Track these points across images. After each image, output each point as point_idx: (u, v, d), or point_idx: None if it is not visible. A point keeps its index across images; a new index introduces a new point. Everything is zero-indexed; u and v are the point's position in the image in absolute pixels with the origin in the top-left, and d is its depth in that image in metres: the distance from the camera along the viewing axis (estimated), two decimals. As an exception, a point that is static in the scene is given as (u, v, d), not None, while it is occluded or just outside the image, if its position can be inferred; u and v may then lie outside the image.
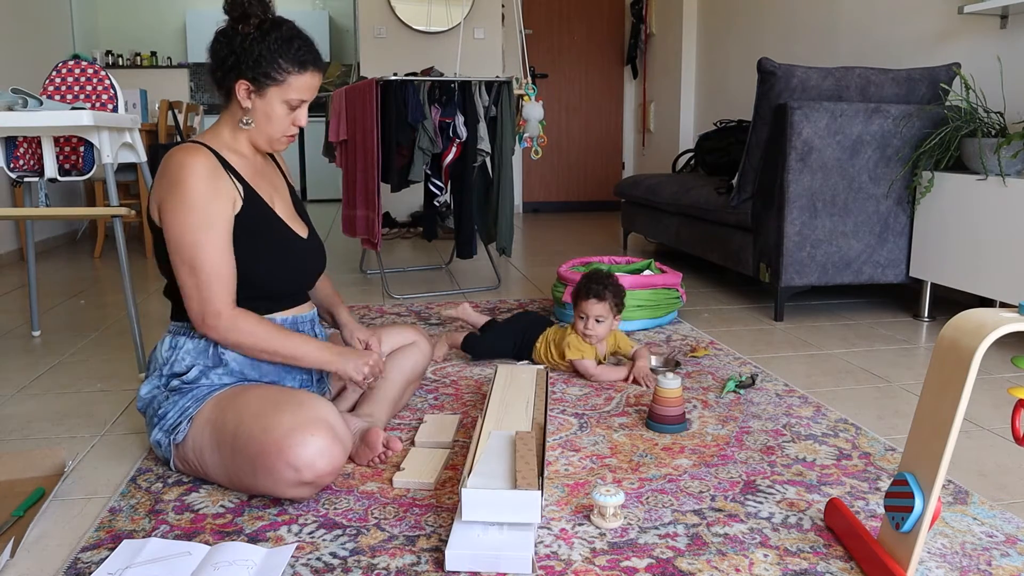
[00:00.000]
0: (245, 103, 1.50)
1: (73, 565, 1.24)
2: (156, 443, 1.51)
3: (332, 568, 1.22)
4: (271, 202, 1.59)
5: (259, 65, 1.46)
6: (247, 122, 1.53)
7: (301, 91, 1.50)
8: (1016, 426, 1.08)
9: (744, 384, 2.06)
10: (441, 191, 3.52)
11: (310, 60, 1.50)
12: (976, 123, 2.60)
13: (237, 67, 1.47)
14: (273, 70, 1.47)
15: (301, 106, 1.53)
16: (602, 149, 6.91)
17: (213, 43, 1.51)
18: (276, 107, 1.50)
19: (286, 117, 1.52)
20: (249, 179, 1.56)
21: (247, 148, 1.58)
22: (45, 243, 4.81)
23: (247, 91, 1.49)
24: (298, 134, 1.58)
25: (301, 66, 1.48)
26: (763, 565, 1.22)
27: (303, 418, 1.35)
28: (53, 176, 2.41)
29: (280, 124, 1.53)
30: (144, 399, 1.54)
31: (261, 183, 1.59)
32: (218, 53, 1.49)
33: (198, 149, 1.47)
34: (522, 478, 1.25)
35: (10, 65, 4.46)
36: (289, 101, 1.50)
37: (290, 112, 1.52)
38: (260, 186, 1.58)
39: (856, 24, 3.77)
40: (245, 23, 1.47)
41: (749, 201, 2.99)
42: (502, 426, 1.50)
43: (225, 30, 1.49)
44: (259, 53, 1.45)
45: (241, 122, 1.53)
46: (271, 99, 1.50)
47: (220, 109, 1.58)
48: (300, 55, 1.48)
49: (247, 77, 1.47)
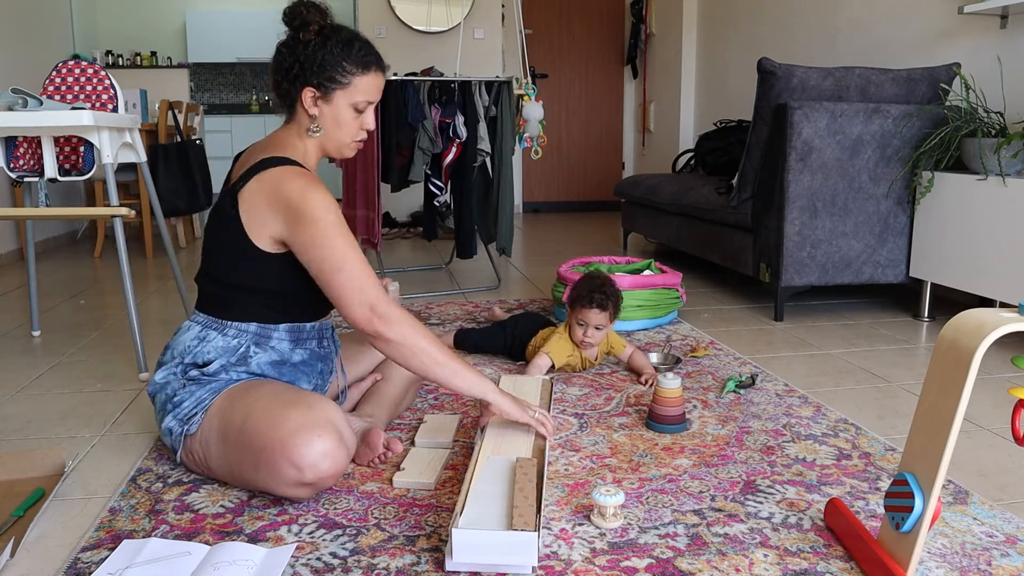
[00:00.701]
0: (312, 110, 1.51)
1: (73, 565, 1.24)
2: (167, 431, 1.50)
3: (332, 568, 1.22)
4: None
5: (323, 70, 1.48)
6: (316, 129, 1.53)
7: (367, 92, 1.52)
8: (1016, 426, 1.08)
9: (744, 384, 2.06)
10: (441, 191, 3.53)
11: (373, 60, 1.52)
12: (976, 123, 2.60)
13: (302, 75, 1.48)
14: (338, 73, 1.48)
15: (368, 108, 1.54)
16: (602, 149, 6.91)
17: (276, 56, 1.52)
18: (344, 111, 1.52)
19: (354, 121, 1.54)
20: None
21: (314, 159, 1.59)
22: (45, 243, 4.81)
23: (313, 98, 1.50)
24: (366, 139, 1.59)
25: (365, 67, 1.50)
26: (763, 565, 1.22)
27: (311, 418, 1.35)
28: (53, 176, 2.41)
29: (349, 128, 1.54)
30: (158, 383, 1.53)
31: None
32: (281, 64, 1.51)
33: (306, 172, 1.48)
34: (519, 515, 1.20)
35: (10, 65, 4.46)
36: (356, 104, 1.52)
37: (357, 115, 1.53)
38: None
39: (856, 24, 3.77)
40: (305, 31, 1.49)
41: (749, 201, 2.99)
42: (501, 449, 1.46)
43: (286, 41, 1.51)
44: (322, 58, 1.47)
45: (309, 130, 1.54)
46: (338, 103, 1.51)
47: (221, 110, 1.58)
48: (363, 56, 1.50)
49: (312, 84, 1.49)
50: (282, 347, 1.55)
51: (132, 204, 4.69)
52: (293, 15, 1.48)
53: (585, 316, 2.10)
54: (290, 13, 1.49)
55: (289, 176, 1.46)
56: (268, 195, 1.46)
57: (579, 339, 2.13)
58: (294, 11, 1.48)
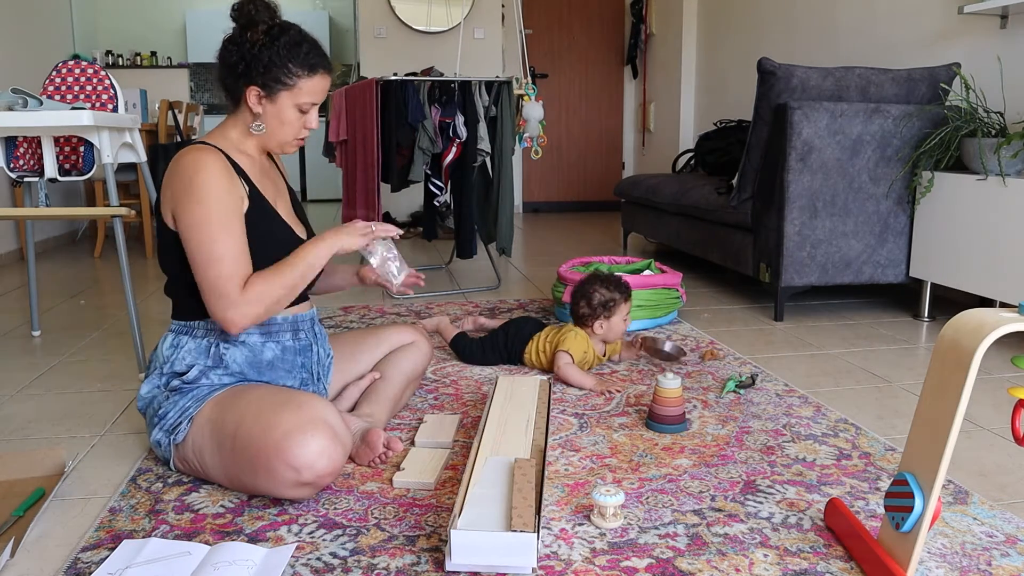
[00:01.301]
0: (256, 108, 1.51)
1: (73, 565, 1.24)
2: (156, 443, 1.51)
3: (332, 568, 1.22)
4: (275, 203, 1.59)
5: (269, 71, 1.47)
6: (258, 127, 1.53)
7: (312, 94, 1.52)
8: (1016, 426, 1.08)
9: (744, 384, 2.06)
10: (441, 191, 3.52)
11: (319, 63, 1.51)
12: (976, 123, 2.60)
13: (247, 73, 1.48)
14: (283, 75, 1.48)
15: (312, 109, 1.55)
16: (602, 149, 6.91)
17: (221, 50, 1.51)
18: (288, 111, 1.52)
19: (297, 120, 1.54)
20: (255, 180, 1.56)
21: (254, 150, 1.59)
22: (45, 243, 4.81)
23: (258, 96, 1.50)
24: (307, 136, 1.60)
25: (311, 69, 1.50)
26: (763, 565, 1.22)
27: (303, 418, 1.35)
28: (53, 176, 2.41)
29: (292, 128, 1.54)
30: (144, 398, 1.54)
31: (266, 184, 1.60)
32: (227, 60, 1.50)
33: (209, 149, 1.48)
34: (518, 516, 1.20)
35: (10, 65, 4.46)
36: (300, 105, 1.52)
37: (301, 115, 1.54)
38: (265, 187, 1.59)
39: (856, 24, 3.77)
40: (253, 29, 1.48)
41: (749, 201, 2.99)
42: (500, 450, 1.46)
43: (233, 37, 1.50)
44: (269, 59, 1.47)
45: (252, 127, 1.54)
46: (283, 103, 1.51)
47: (220, 110, 1.58)
48: (310, 59, 1.49)
49: (257, 83, 1.48)
50: (252, 340, 1.54)
51: (132, 204, 4.69)
52: (241, 12, 1.48)
53: (624, 310, 2.19)
54: (238, 9, 1.48)
55: (186, 153, 1.47)
56: (168, 174, 1.48)
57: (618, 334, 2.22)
58: (242, 8, 1.47)
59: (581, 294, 2.21)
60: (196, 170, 1.44)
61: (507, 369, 2.26)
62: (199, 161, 1.44)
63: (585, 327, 2.20)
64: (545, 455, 1.47)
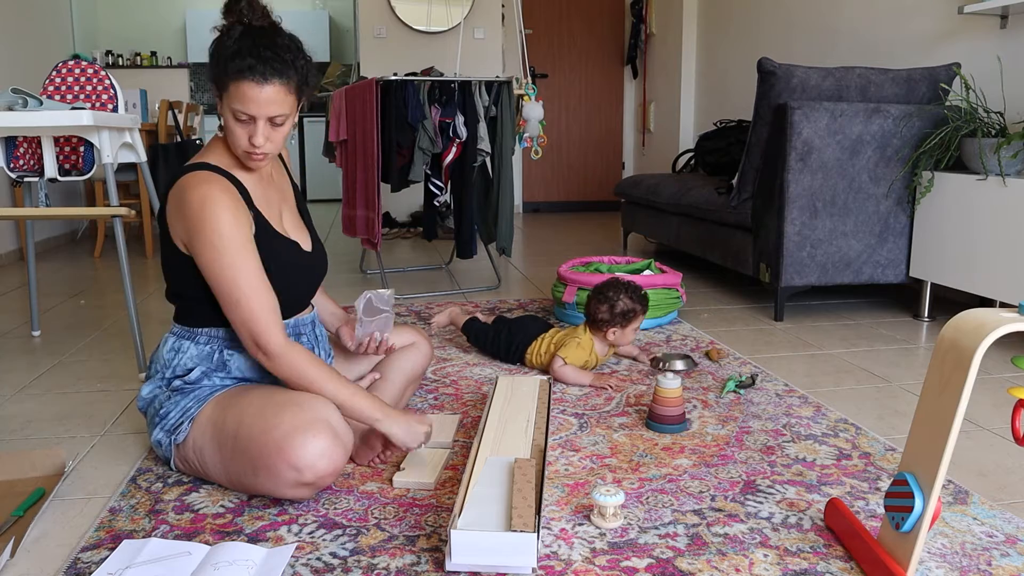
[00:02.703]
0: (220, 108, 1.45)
1: (73, 565, 1.24)
2: (157, 443, 1.51)
3: (332, 568, 1.22)
4: (280, 216, 1.57)
5: (215, 66, 1.40)
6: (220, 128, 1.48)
7: (238, 100, 1.37)
8: (1016, 426, 1.08)
9: (744, 384, 2.06)
10: (441, 191, 3.52)
11: (250, 69, 1.35)
12: (976, 123, 2.60)
13: (210, 67, 1.43)
14: (222, 73, 1.38)
15: (252, 122, 1.40)
16: (602, 149, 6.91)
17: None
18: (227, 116, 1.42)
19: (239, 129, 1.41)
20: (258, 198, 1.52)
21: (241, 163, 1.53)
22: (45, 243, 4.81)
23: (214, 94, 1.44)
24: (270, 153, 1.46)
25: (238, 73, 1.36)
26: (763, 565, 1.22)
27: (304, 419, 1.35)
28: (53, 176, 2.41)
29: (235, 136, 1.42)
30: (145, 399, 1.54)
31: (270, 195, 1.57)
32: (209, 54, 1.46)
33: (214, 180, 1.42)
34: (518, 516, 1.20)
35: (10, 65, 4.46)
36: (234, 111, 1.39)
37: (240, 125, 1.41)
38: (269, 200, 1.56)
39: (856, 24, 3.77)
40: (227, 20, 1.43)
41: (749, 201, 2.99)
42: (500, 450, 1.46)
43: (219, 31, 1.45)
44: (218, 53, 1.40)
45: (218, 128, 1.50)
46: (224, 107, 1.41)
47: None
48: (244, 61, 1.35)
49: (212, 79, 1.43)
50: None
51: (132, 204, 4.69)
52: (228, 9, 1.42)
53: (638, 321, 2.20)
54: (226, 6, 1.43)
55: (191, 184, 1.42)
56: (173, 202, 1.44)
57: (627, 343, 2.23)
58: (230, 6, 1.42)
59: (604, 299, 2.16)
60: (202, 206, 1.39)
61: (507, 369, 2.26)
62: (205, 198, 1.39)
63: (598, 331, 2.18)
64: (545, 455, 1.47)
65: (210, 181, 1.42)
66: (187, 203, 1.41)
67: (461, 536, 1.17)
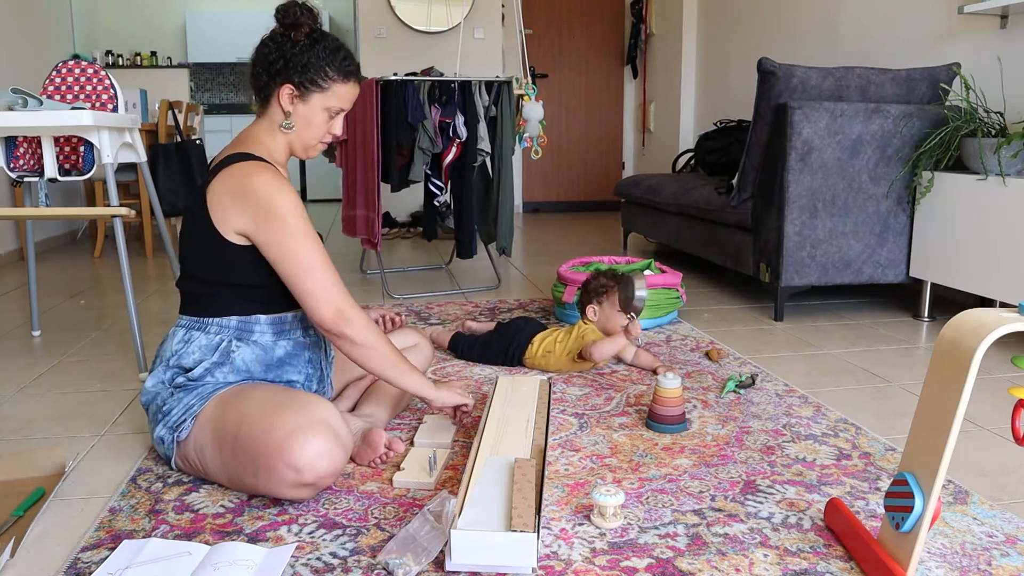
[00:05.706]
0: (287, 107, 1.54)
1: (73, 565, 1.24)
2: (159, 440, 1.51)
3: (332, 568, 1.22)
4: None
5: (307, 71, 1.51)
6: (289, 125, 1.56)
7: (342, 100, 1.57)
8: (1016, 426, 1.08)
9: (744, 384, 2.06)
10: (441, 191, 3.52)
11: (354, 71, 1.57)
12: (976, 123, 2.60)
13: (285, 71, 1.52)
14: (320, 77, 1.52)
15: (338, 115, 1.59)
16: (602, 149, 6.91)
17: (259, 48, 1.55)
18: (317, 114, 1.55)
19: (324, 124, 1.58)
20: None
21: (282, 156, 1.61)
22: (45, 243, 4.81)
23: (291, 95, 1.53)
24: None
25: (346, 76, 1.55)
26: (763, 565, 1.22)
27: (305, 419, 1.35)
28: (53, 176, 2.41)
29: (318, 131, 1.58)
30: (149, 392, 1.54)
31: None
32: (266, 57, 1.53)
33: (270, 168, 1.50)
34: (518, 516, 1.20)
35: (10, 65, 4.46)
36: (330, 109, 1.56)
37: (328, 120, 1.58)
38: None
39: (856, 24, 3.77)
40: (297, 31, 1.52)
41: (749, 201, 2.99)
42: (500, 449, 1.46)
43: (274, 36, 1.54)
44: (308, 60, 1.51)
45: (282, 125, 1.56)
46: (314, 105, 1.54)
47: (220, 110, 1.58)
48: (346, 66, 1.55)
49: (293, 82, 1.52)
50: (264, 340, 1.55)
51: (132, 204, 4.69)
52: (286, 13, 1.53)
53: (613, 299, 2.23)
54: (283, 11, 1.53)
55: (254, 170, 1.48)
56: (232, 190, 1.47)
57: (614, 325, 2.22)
58: (287, 10, 1.53)
59: (582, 285, 2.34)
60: (272, 190, 1.47)
61: (507, 369, 2.26)
62: (271, 183, 1.47)
63: (583, 316, 2.28)
64: (545, 455, 1.48)
65: (269, 168, 1.50)
66: (252, 189, 1.46)
67: (461, 536, 1.17)
